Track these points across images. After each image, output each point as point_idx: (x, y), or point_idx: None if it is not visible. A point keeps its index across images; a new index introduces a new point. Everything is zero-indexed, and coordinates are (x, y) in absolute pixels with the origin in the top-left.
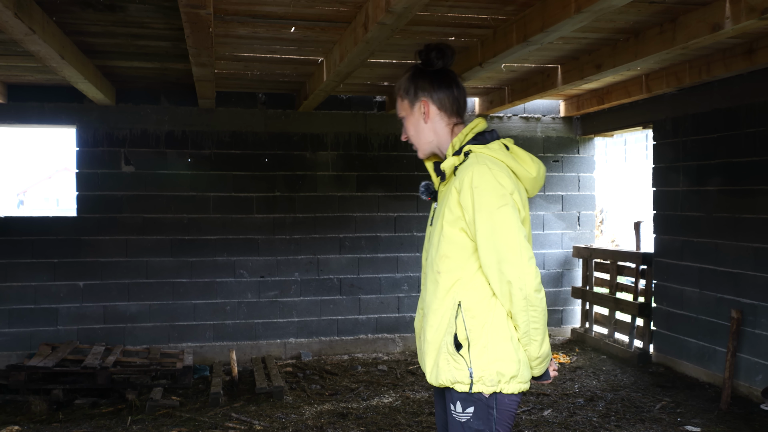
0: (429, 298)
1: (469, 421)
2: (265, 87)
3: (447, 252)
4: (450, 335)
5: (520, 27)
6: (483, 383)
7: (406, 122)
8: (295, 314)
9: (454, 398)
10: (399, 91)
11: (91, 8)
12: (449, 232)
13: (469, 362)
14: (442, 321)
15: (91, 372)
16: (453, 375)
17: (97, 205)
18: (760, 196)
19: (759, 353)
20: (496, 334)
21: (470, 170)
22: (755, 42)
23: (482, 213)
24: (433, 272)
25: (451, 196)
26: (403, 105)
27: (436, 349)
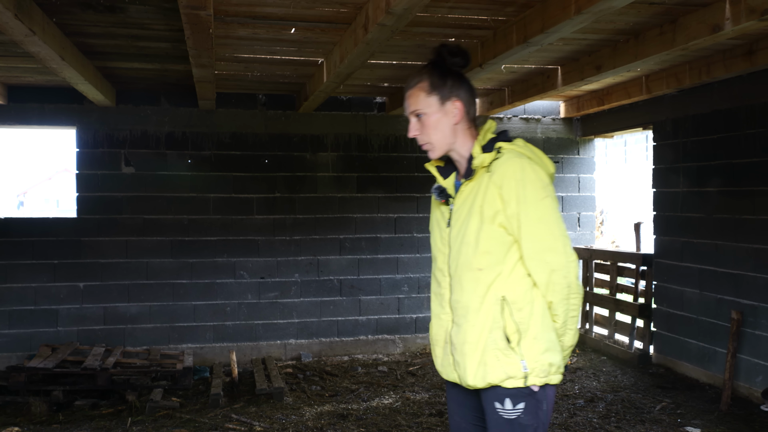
0: (467, 298)
1: (519, 417)
2: (266, 88)
3: (488, 248)
4: (498, 330)
5: (520, 28)
6: (536, 375)
7: (427, 119)
8: (296, 315)
9: (501, 396)
10: (422, 86)
11: (91, 9)
12: (489, 228)
13: (521, 355)
14: (486, 318)
15: (91, 373)
16: (505, 371)
17: (97, 206)
18: (760, 198)
19: (759, 354)
20: (543, 324)
21: (511, 164)
22: (755, 43)
23: (527, 204)
24: (471, 270)
25: (487, 191)
26: (428, 101)
27: (480, 348)
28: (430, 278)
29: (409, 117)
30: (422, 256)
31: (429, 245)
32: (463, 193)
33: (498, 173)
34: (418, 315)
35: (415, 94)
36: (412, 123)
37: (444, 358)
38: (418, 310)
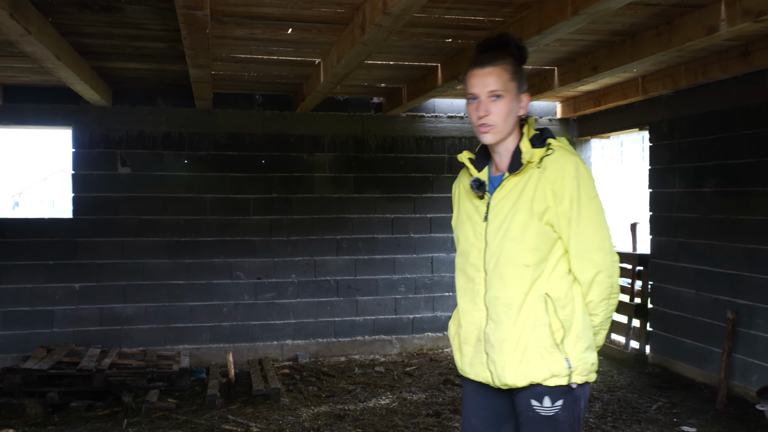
0: (511, 294)
1: (557, 414)
2: (262, 88)
3: (537, 244)
4: (543, 328)
5: (517, 29)
6: (578, 373)
7: (504, 103)
8: (292, 316)
9: (540, 394)
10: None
11: (87, 9)
12: (538, 224)
13: (565, 353)
14: (529, 315)
15: (86, 374)
16: (549, 369)
17: (93, 206)
18: (756, 198)
19: (754, 354)
20: (584, 323)
21: (565, 161)
22: (750, 44)
23: (580, 203)
24: (516, 266)
25: (538, 187)
26: (509, 85)
27: (522, 346)
28: (426, 279)
29: (479, 94)
30: (419, 256)
31: (426, 245)
32: (505, 188)
33: (551, 169)
34: (415, 315)
35: (498, 74)
36: (484, 102)
37: (475, 357)
38: (415, 311)
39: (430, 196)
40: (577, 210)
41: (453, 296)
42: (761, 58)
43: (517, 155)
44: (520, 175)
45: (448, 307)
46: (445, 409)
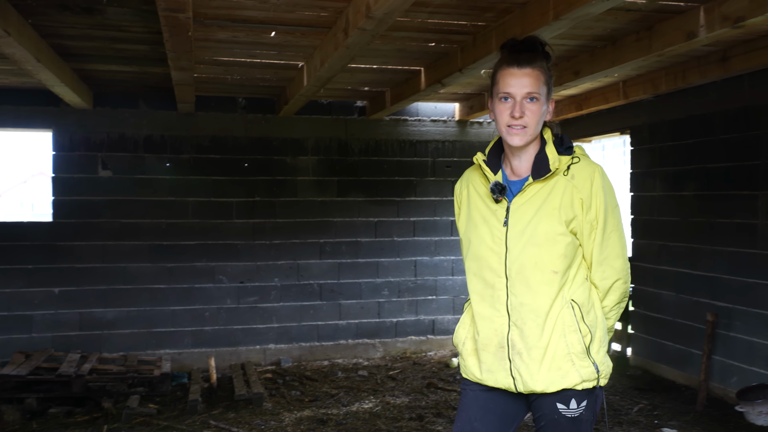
0: (540, 301)
1: (582, 414)
2: (246, 91)
3: (565, 251)
4: (574, 334)
5: (500, 33)
6: (603, 377)
7: (537, 106)
8: (275, 320)
9: (567, 397)
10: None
11: (68, 11)
12: (566, 231)
13: (593, 358)
14: (557, 322)
15: (66, 380)
16: (580, 374)
17: (73, 210)
18: (735, 201)
19: (733, 355)
20: (604, 328)
21: (594, 170)
22: (729, 50)
23: (607, 212)
24: (544, 273)
25: (565, 194)
26: (542, 89)
27: (551, 352)
28: (409, 282)
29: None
30: (402, 260)
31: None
32: (527, 193)
33: (580, 178)
34: (398, 319)
35: (536, 76)
36: (519, 102)
37: (496, 363)
38: (398, 314)
39: (413, 199)
40: (604, 219)
41: (436, 299)
42: (739, 64)
43: (543, 161)
44: (544, 182)
45: (431, 311)
46: (428, 412)
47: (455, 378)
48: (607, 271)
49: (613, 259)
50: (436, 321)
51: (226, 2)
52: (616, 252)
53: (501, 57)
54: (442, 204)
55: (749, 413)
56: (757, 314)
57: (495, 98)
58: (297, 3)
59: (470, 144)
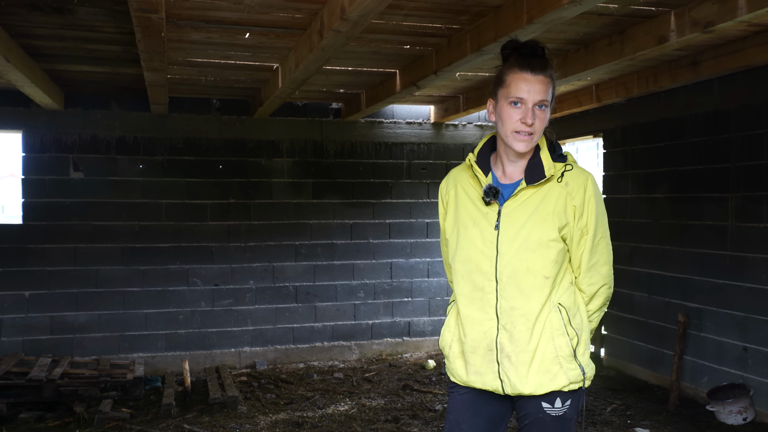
0: (530, 305)
1: (566, 413)
2: (220, 93)
3: (557, 257)
4: (562, 338)
5: (474, 37)
6: (588, 378)
7: (543, 113)
8: (250, 323)
9: (553, 397)
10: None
11: (38, 11)
12: (557, 237)
13: (579, 361)
14: (546, 326)
15: (36, 384)
16: (568, 377)
17: (44, 212)
18: (705, 204)
19: (704, 356)
20: (588, 331)
21: (585, 178)
22: (699, 54)
23: (597, 219)
24: (536, 277)
25: (558, 201)
26: (549, 94)
27: (540, 355)
28: (385, 284)
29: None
30: (378, 262)
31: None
32: (519, 198)
33: (573, 185)
34: (374, 321)
35: (547, 84)
36: (531, 111)
37: (484, 366)
38: (374, 316)
39: (389, 201)
40: (594, 226)
41: (412, 301)
42: (709, 68)
43: (538, 167)
44: (537, 187)
45: (407, 313)
46: (404, 414)
47: (431, 380)
48: (595, 277)
49: (601, 265)
50: (412, 323)
51: (199, 3)
52: (604, 258)
53: (512, 60)
54: (418, 206)
55: (720, 412)
56: (726, 315)
57: (502, 101)
58: (271, 4)
59: (445, 146)
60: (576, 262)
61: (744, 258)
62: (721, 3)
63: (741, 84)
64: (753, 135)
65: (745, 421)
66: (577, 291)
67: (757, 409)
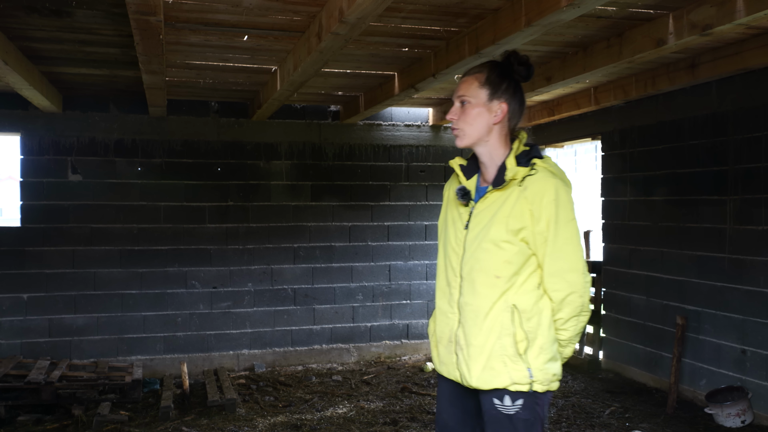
0: (479, 302)
1: (518, 413)
2: (218, 95)
3: (511, 258)
4: (508, 337)
5: (472, 39)
6: (539, 383)
7: (470, 108)
8: (249, 325)
9: (501, 394)
10: (478, 77)
11: (36, 13)
12: (513, 239)
13: (528, 363)
14: (495, 324)
15: (35, 387)
16: (511, 376)
17: (42, 214)
18: (703, 206)
19: (703, 358)
20: (549, 335)
21: (547, 183)
22: (697, 57)
23: (558, 225)
24: (488, 276)
25: (516, 205)
26: (478, 92)
27: (486, 352)
28: (384, 287)
29: (454, 101)
30: (376, 264)
31: (383, 254)
32: (488, 200)
33: (532, 190)
34: (372, 323)
35: (468, 82)
36: (455, 106)
37: (446, 356)
38: (372, 319)
39: (387, 204)
40: (554, 232)
41: (410, 304)
42: (707, 71)
43: (502, 171)
44: (502, 191)
45: (405, 315)
46: (402, 417)
47: (429, 382)
48: (559, 283)
49: (566, 272)
50: (411, 325)
51: (198, 5)
52: (570, 265)
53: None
54: (416, 208)
55: (718, 415)
56: (725, 317)
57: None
58: (270, 7)
59: (444, 149)
60: (541, 266)
61: (742, 261)
62: (720, 6)
63: (739, 87)
64: (751, 138)
65: (744, 424)
66: (545, 297)
67: (755, 411)
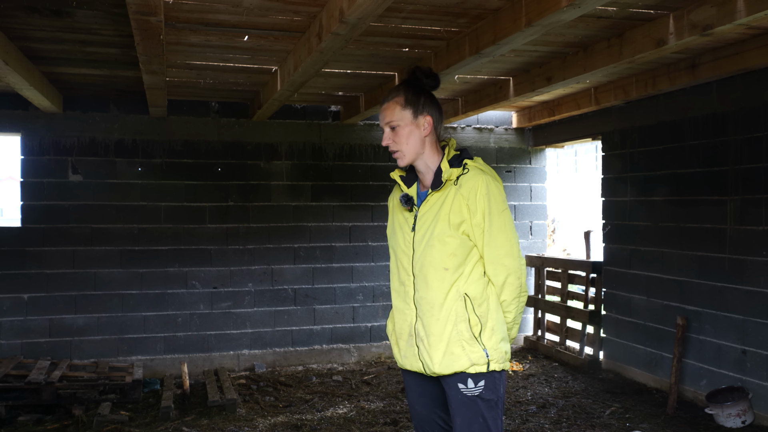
0: (433, 294)
1: (481, 393)
2: (218, 96)
3: (455, 251)
4: (463, 323)
5: (473, 39)
6: (496, 361)
7: (401, 130)
8: (249, 325)
9: (464, 378)
10: (398, 100)
11: (36, 13)
12: (455, 233)
13: (483, 345)
14: (450, 313)
15: (35, 387)
16: (470, 359)
17: (42, 215)
18: (703, 206)
19: (703, 359)
20: (498, 318)
21: (478, 179)
22: (697, 57)
23: (491, 216)
24: (437, 270)
25: (454, 202)
26: (402, 114)
27: (445, 339)
28: (384, 287)
29: (384, 127)
30: (377, 264)
31: (383, 254)
32: (429, 202)
33: (466, 187)
34: (373, 324)
35: (391, 107)
36: (386, 132)
37: (408, 350)
38: (372, 319)
39: (387, 204)
40: (489, 222)
41: None
42: (707, 71)
43: (439, 174)
44: (441, 192)
45: None
46: (402, 417)
47: None
48: (498, 268)
49: (502, 257)
50: None
51: (198, 6)
52: (505, 251)
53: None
54: None
55: (719, 415)
56: (725, 317)
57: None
58: (270, 7)
59: None
60: (482, 255)
61: (743, 261)
62: (720, 6)
63: (739, 87)
64: (752, 138)
65: (744, 425)
66: (489, 283)
67: (755, 412)
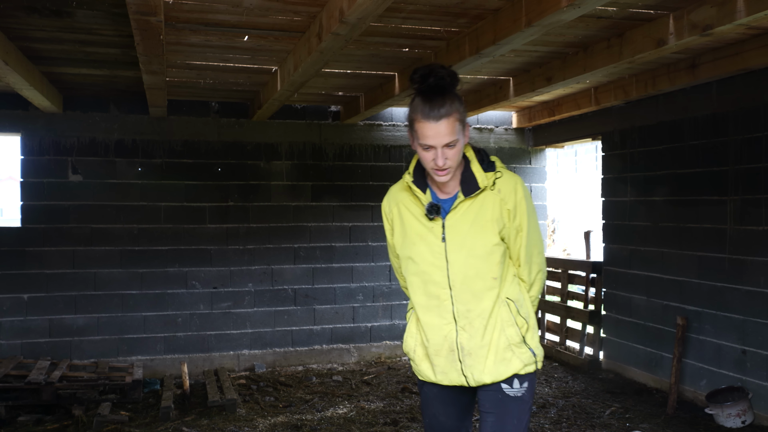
0: (483, 305)
1: (524, 395)
2: (219, 96)
3: (500, 258)
4: (511, 327)
5: (473, 39)
6: (539, 360)
7: (458, 145)
8: (249, 325)
9: (511, 379)
10: (457, 115)
11: (36, 13)
12: (497, 240)
13: (529, 345)
14: (498, 320)
15: (35, 387)
16: (522, 360)
17: (42, 215)
18: (703, 206)
19: (703, 359)
20: (533, 316)
21: (513, 182)
22: (698, 57)
23: (528, 217)
24: (485, 280)
25: (494, 207)
26: (458, 128)
27: (494, 347)
28: (384, 287)
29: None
30: (377, 264)
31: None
32: (460, 209)
33: (505, 191)
34: (372, 324)
35: (451, 125)
36: (442, 151)
37: (448, 366)
38: (372, 319)
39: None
40: (527, 224)
41: None
42: (707, 71)
43: (472, 180)
44: (473, 198)
45: (405, 316)
46: (402, 417)
47: None
48: (532, 266)
49: (536, 255)
50: None
51: (198, 6)
52: (538, 249)
53: (415, 103)
54: None
55: (719, 415)
56: (725, 317)
57: (415, 141)
58: (270, 7)
59: None
60: (515, 256)
61: (743, 261)
62: (720, 6)
63: (739, 87)
64: (752, 138)
65: (744, 425)
66: (520, 282)
67: (755, 412)
